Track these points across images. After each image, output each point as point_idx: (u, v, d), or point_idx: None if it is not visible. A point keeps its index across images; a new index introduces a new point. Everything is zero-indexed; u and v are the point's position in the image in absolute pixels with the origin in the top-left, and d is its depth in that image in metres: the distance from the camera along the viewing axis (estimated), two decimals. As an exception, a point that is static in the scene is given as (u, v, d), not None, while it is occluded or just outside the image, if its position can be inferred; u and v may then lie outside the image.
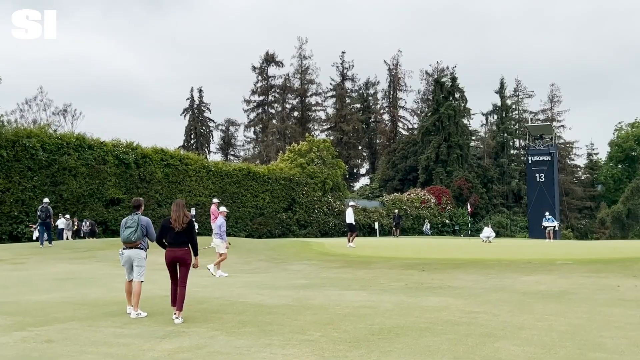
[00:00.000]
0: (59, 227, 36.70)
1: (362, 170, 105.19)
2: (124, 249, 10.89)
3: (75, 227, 38.73)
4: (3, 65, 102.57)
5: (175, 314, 9.69)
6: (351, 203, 31.83)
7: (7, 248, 26.03)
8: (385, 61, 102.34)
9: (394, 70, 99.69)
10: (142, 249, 10.91)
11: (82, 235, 38.78)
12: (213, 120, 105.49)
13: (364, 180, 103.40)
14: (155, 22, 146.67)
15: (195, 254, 10.34)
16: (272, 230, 53.35)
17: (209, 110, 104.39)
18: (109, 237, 38.46)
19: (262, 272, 18.37)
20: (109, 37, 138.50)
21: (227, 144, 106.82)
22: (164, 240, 10.38)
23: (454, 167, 78.99)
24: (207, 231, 35.00)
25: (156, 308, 10.82)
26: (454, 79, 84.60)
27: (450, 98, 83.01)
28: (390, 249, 26.35)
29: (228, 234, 47.60)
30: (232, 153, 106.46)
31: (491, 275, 16.21)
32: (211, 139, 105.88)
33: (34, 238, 35.24)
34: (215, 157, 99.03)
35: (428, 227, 64.20)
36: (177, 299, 9.96)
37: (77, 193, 41.48)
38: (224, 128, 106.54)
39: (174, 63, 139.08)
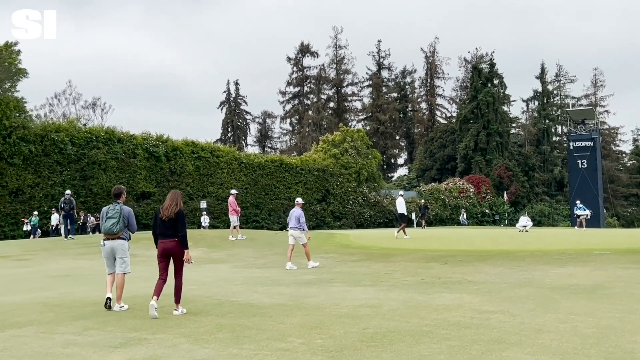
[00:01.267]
0: (52, 223, 35.90)
1: (400, 160, 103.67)
2: (105, 240, 10.31)
3: (81, 221, 37.76)
4: (39, 62, 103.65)
5: (155, 305, 9.21)
6: (400, 192, 30.72)
7: (19, 244, 25.59)
8: (422, 48, 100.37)
9: (431, 58, 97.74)
10: (124, 239, 10.39)
11: (87, 231, 37.79)
12: (250, 113, 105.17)
13: (402, 171, 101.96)
14: (193, 18, 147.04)
15: (185, 247, 9.68)
16: (306, 222, 52.27)
17: (246, 103, 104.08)
18: (140, 230, 37.96)
19: (273, 267, 17.39)
20: (149, 34, 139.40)
21: (263, 137, 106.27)
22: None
23: (493, 155, 76.93)
24: (227, 224, 34.26)
25: (135, 308, 9.89)
26: (492, 65, 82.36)
27: (489, 84, 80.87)
28: (416, 240, 25.12)
29: (260, 226, 47.51)
30: (269, 145, 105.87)
31: (519, 268, 14.92)
32: (248, 132, 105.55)
33: (25, 229, 34.93)
34: (252, 149, 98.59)
35: (464, 217, 62.47)
36: (174, 292, 9.58)
37: (107, 187, 41.11)
38: (260, 120, 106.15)
39: (211, 57, 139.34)
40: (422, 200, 56.16)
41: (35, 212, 35.69)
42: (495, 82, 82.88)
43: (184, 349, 6.94)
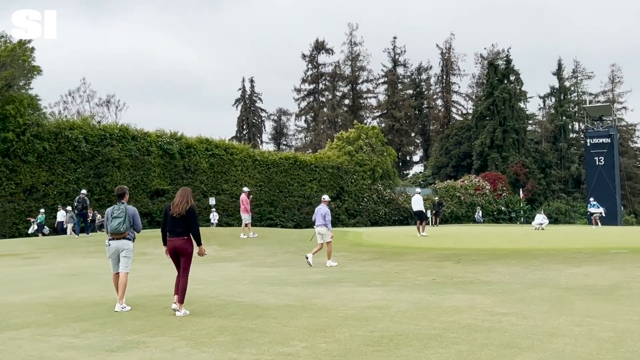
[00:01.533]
0: (58, 220, 35.64)
1: (415, 158, 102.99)
2: (110, 239, 10.30)
3: (90, 218, 37.50)
4: (55, 60, 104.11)
5: (175, 303, 9.33)
6: (417, 190, 30.48)
7: (30, 242, 25.53)
8: (437, 45, 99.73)
9: (447, 55, 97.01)
10: (129, 239, 10.38)
11: (94, 228, 37.52)
12: (265, 110, 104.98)
13: (418, 168, 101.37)
14: (209, 16, 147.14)
15: (199, 244, 9.76)
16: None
17: (261, 100, 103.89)
18: (154, 228, 37.86)
19: (282, 266, 17.13)
20: (166, 32, 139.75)
21: (279, 134, 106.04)
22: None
23: (509, 152, 76.18)
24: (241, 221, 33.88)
25: (137, 309, 9.68)
26: (508, 61, 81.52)
27: (505, 81, 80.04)
28: (430, 238, 24.77)
29: (274, 224, 47.31)
30: (284, 143, 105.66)
31: (534, 267, 14.57)
32: (263, 129, 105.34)
33: (30, 231, 34.74)
34: (267, 147, 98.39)
35: (480, 214, 61.87)
36: (178, 289, 9.47)
37: (121, 184, 41.04)
38: (275, 118, 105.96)
39: (227, 55, 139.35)
40: (436, 198, 55.68)
41: (42, 210, 35.49)
42: (512, 78, 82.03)
43: (182, 353, 6.71)
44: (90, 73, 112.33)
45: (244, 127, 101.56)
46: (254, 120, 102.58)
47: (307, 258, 17.07)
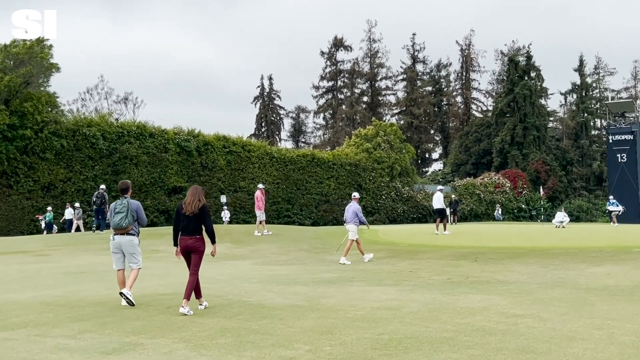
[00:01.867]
0: (67, 217, 35.28)
1: (435, 155, 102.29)
2: (114, 235, 10.20)
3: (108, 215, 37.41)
4: (74, 57, 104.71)
5: (202, 305, 9.35)
6: (439, 187, 30.17)
7: (43, 239, 25.45)
8: (457, 41, 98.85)
9: (467, 51, 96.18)
10: (133, 234, 10.25)
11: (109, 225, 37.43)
12: (283, 108, 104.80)
13: (437, 165, 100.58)
14: (228, 13, 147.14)
15: (213, 242, 9.66)
16: (338, 218, 51.66)
17: (279, 98, 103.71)
18: (171, 225, 37.67)
19: (295, 264, 16.80)
20: (185, 30, 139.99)
21: (297, 131, 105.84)
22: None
23: (530, 150, 75.30)
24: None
25: (140, 308, 9.42)
26: (529, 57, 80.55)
27: (526, 77, 79.13)
28: (447, 236, 24.34)
29: (292, 221, 47.01)
30: (303, 140, 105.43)
31: (553, 267, 14.14)
32: (282, 127, 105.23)
33: (42, 228, 34.59)
34: (286, 144, 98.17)
35: (499, 212, 61.17)
36: (186, 286, 9.28)
37: (138, 182, 41.13)
38: (294, 115, 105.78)
39: (246, 52, 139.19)
40: (453, 196, 55.10)
41: (50, 208, 35.32)
42: (532, 74, 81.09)
43: (179, 356, 6.42)
44: (109, 71, 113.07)
45: (263, 124, 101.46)
46: (272, 118, 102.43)
47: (365, 259, 17.00)
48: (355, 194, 18.72)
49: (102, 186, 30.48)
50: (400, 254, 17.72)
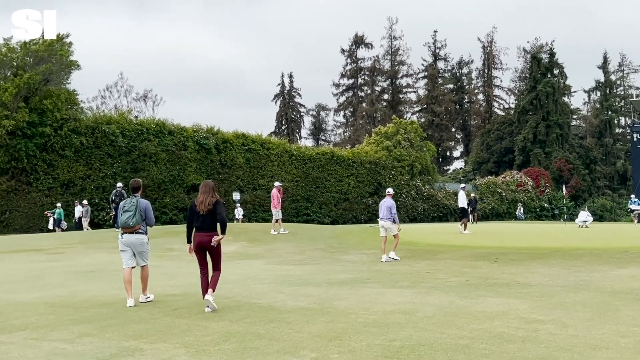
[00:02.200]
0: (76, 215, 35.03)
1: (456, 153, 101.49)
2: (122, 233, 10.16)
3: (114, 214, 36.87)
4: (97, 55, 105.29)
5: (207, 295, 9.12)
6: (462, 185, 29.70)
7: (58, 236, 25.34)
8: (479, 38, 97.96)
9: (489, 48, 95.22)
10: (142, 233, 10.21)
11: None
12: (304, 106, 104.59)
13: (458, 164, 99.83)
14: (250, 11, 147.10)
15: (222, 232, 9.57)
16: (358, 216, 51.38)
17: (300, 96, 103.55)
18: (183, 224, 37.50)
19: (309, 264, 16.44)
20: (207, 28, 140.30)
21: (317, 129, 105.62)
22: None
23: (553, 148, 74.33)
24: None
25: (144, 309, 9.13)
26: (552, 55, 79.54)
27: (549, 75, 78.14)
28: (467, 236, 23.86)
29: (311, 220, 46.66)
30: (323, 138, 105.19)
31: (576, 268, 13.66)
32: (302, 125, 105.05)
33: (50, 227, 34.34)
34: (306, 142, 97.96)
35: (521, 211, 60.33)
36: (211, 280, 9.32)
37: (157, 179, 41.11)
38: (314, 113, 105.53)
39: (267, 51, 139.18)
40: (472, 195, 54.42)
41: (59, 205, 35.12)
42: (555, 72, 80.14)
43: (178, 362, 6.11)
44: (131, 69, 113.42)
45: (283, 122, 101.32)
46: (292, 116, 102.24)
47: (383, 259, 16.77)
48: (390, 190, 18.50)
49: (119, 184, 30.39)
50: (418, 254, 17.31)
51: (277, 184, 26.29)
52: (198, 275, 9.65)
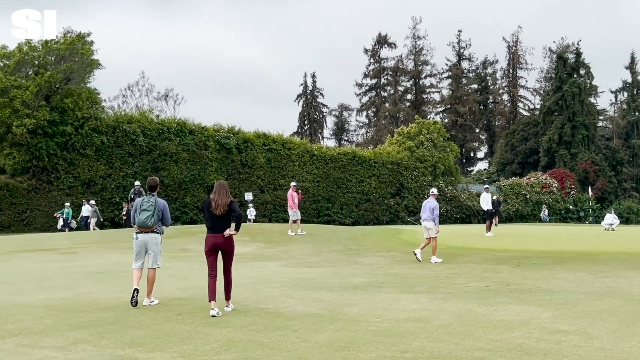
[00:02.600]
0: (83, 214, 34.58)
1: (480, 154, 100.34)
2: (138, 233, 9.98)
3: (124, 213, 36.20)
4: (125, 55, 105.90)
5: (215, 309, 8.83)
6: (485, 186, 29.22)
7: (72, 236, 25.11)
8: (504, 38, 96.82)
9: (514, 48, 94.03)
10: (158, 233, 10.07)
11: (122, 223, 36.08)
12: (326, 106, 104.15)
13: (482, 165, 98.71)
14: (273, 11, 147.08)
15: (236, 229, 9.39)
16: (379, 217, 50.88)
17: (322, 96, 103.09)
18: (200, 225, 37.27)
19: (325, 266, 15.98)
20: (231, 28, 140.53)
21: (340, 129, 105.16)
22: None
23: (578, 149, 73.14)
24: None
25: (146, 314, 8.76)
26: (578, 55, 78.26)
27: (575, 75, 76.90)
28: (489, 238, 23.28)
29: (332, 220, 46.22)
30: (346, 138, 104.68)
31: (602, 274, 13.08)
32: (324, 125, 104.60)
33: (59, 227, 34.06)
34: (328, 142, 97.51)
35: (546, 213, 59.33)
36: (224, 288, 9.27)
37: (178, 179, 41.00)
38: (337, 113, 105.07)
39: (290, 51, 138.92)
40: (494, 196, 53.57)
41: (67, 204, 34.84)
42: (582, 72, 78.84)
43: (172, 374, 5.72)
44: (154, 68, 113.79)
45: (305, 122, 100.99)
46: (315, 116, 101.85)
47: (415, 254, 16.54)
48: (434, 190, 18.35)
49: (137, 182, 30.26)
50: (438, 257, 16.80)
51: (292, 184, 25.88)
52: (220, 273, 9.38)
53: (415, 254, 16.56)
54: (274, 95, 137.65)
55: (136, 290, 9.65)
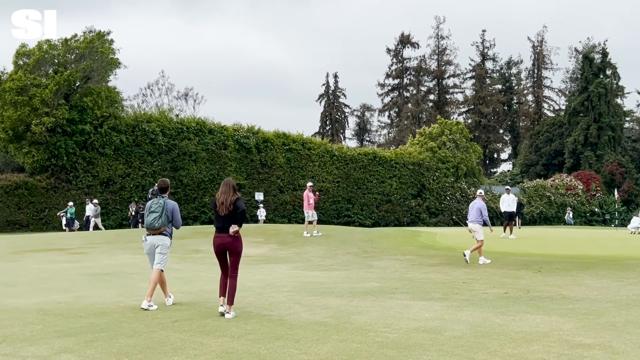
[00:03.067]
0: (86, 214, 34.07)
1: (504, 155, 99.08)
2: (147, 235, 9.84)
3: (131, 213, 35.81)
4: (149, 56, 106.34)
5: (224, 306, 8.84)
6: (506, 187, 28.74)
7: (84, 235, 24.81)
8: (529, 38, 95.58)
9: (539, 48, 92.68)
10: (166, 235, 9.88)
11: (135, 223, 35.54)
12: (348, 106, 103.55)
13: (506, 166, 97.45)
14: (297, 12, 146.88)
15: (240, 225, 9.08)
16: (400, 218, 50.20)
17: (344, 96, 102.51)
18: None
19: (338, 269, 15.43)
20: (255, 29, 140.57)
21: (362, 130, 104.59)
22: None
23: (604, 151, 71.79)
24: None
25: (144, 320, 8.33)
26: (604, 55, 76.82)
27: (601, 75, 75.48)
28: (511, 241, 22.60)
29: (352, 221, 45.69)
30: (368, 139, 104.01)
31: (628, 281, 12.43)
32: (346, 125, 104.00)
33: (63, 226, 33.70)
34: (350, 143, 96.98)
35: (570, 215, 58.18)
36: (227, 292, 8.96)
37: (197, 178, 40.80)
38: (359, 114, 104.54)
39: (313, 51, 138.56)
40: (515, 198, 52.61)
41: (70, 203, 34.38)
42: (608, 72, 77.37)
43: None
44: (177, 68, 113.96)
45: (327, 123, 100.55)
46: (337, 116, 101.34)
47: (480, 261, 16.12)
48: (481, 191, 18.21)
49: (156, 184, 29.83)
50: (456, 261, 16.18)
51: (309, 184, 25.36)
52: (216, 280, 9.22)
53: (464, 255, 16.18)
54: (295, 96, 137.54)
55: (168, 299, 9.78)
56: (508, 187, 29.82)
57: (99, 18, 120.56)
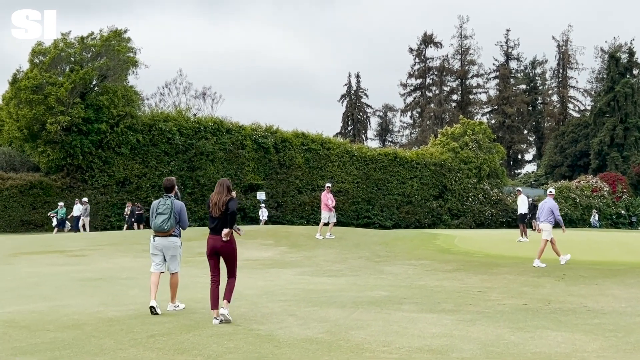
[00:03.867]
0: (75, 214, 33.10)
1: (528, 156, 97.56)
2: (155, 236, 9.55)
3: (126, 213, 35.12)
4: (174, 56, 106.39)
5: (217, 319, 8.42)
6: (517, 188, 27.87)
7: (87, 237, 24.21)
8: (554, 37, 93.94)
9: (564, 47, 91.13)
10: (176, 236, 9.64)
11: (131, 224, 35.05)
12: (370, 106, 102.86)
13: (530, 167, 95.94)
14: (320, 12, 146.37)
15: (230, 227, 8.74)
16: (421, 220, 49.22)
17: (366, 96, 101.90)
18: (247, 224, 36.26)
19: (346, 275, 14.53)
20: (278, 29, 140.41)
21: (384, 130, 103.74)
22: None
23: (631, 152, 70.21)
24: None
25: (116, 334, 7.54)
26: (631, 54, 75.21)
27: (628, 75, 73.91)
28: (531, 245, 21.56)
29: (372, 222, 44.79)
30: (390, 139, 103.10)
31: (659, 291, 11.44)
32: (368, 125, 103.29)
33: (54, 225, 33.01)
34: (372, 143, 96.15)
35: (596, 218, 56.70)
36: (225, 288, 8.62)
37: (214, 178, 40.18)
38: (381, 114, 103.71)
39: (336, 51, 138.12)
40: (530, 199, 51.31)
41: (61, 204, 33.62)
42: (635, 72, 75.86)
43: None
44: (199, 68, 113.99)
45: (349, 123, 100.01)
46: (359, 117, 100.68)
47: (562, 261, 15.97)
48: (552, 190, 17.81)
49: None
50: (473, 267, 15.26)
51: (327, 185, 24.50)
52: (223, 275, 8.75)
53: (560, 261, 15.90)
54: (317, 96, 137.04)
55: (152, 307, 9.06)
56: (519, 188, 28.99)
57: (124, 18, 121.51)
